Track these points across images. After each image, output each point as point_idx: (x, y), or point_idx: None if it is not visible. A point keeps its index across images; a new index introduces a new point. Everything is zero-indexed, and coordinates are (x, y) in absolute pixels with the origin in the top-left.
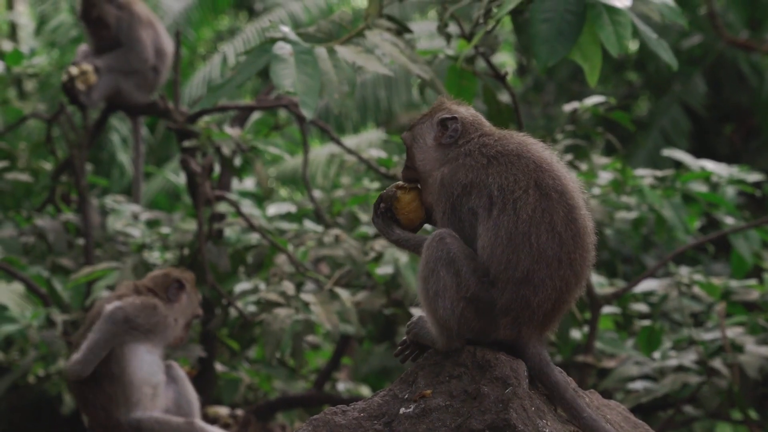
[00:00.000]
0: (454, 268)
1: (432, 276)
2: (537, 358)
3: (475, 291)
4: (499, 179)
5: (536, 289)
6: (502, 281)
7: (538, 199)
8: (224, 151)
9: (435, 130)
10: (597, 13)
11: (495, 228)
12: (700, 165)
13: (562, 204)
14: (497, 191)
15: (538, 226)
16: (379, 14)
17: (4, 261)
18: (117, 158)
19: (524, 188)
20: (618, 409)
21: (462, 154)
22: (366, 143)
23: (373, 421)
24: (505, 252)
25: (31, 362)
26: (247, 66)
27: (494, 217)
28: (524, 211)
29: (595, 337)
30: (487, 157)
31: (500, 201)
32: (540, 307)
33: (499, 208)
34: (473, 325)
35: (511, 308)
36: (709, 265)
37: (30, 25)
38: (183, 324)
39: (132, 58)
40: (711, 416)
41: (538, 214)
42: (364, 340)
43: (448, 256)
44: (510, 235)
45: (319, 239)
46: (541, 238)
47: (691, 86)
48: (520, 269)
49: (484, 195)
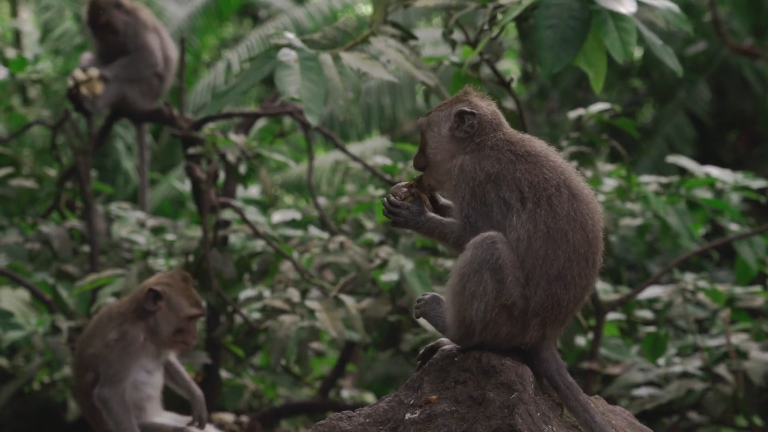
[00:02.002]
0: (500, 275)
1: (474, 276)
2: (553, 359)
3: (514, 299)
4: (528, 176)
5: (567, 287)
6: (537, 277)
7: (569, 197)
8: (229, 158)
9: (451, 121)
10: (602, 19)
11: (533, 222)
12: (704, 171)
13: (588, 206)
14: (527, 187)
15: (573, 224)
16: (384, 21)
17: (9, 267)
18: (122, 165)
19: (556, 186)
20: (623, 415)
21: (486, 146)
22: (370, 150)
23: (378, 426)
24: (543, 247)
25: (36, 369)
26: (252, 73)
27: (529, 210)
28: (561, 207)
29: (600, 344)
30: (515, 155)
31: (533, 196)
32: (567, 306)
33: (534, 202)
34: (501, 330)
35: (543, 307)
36: (714, 272)
37: (34, 33)
38: (170, 331)
39: (141, 65)
40: (715, 423)
41: (572, 212)
42: (368, 347)
43: (497, 262)
44: (548, 230)
45: (324, 246)
46: (576, 236)
47: (696, 93)
48: (556, 266)
49: (515, 189)
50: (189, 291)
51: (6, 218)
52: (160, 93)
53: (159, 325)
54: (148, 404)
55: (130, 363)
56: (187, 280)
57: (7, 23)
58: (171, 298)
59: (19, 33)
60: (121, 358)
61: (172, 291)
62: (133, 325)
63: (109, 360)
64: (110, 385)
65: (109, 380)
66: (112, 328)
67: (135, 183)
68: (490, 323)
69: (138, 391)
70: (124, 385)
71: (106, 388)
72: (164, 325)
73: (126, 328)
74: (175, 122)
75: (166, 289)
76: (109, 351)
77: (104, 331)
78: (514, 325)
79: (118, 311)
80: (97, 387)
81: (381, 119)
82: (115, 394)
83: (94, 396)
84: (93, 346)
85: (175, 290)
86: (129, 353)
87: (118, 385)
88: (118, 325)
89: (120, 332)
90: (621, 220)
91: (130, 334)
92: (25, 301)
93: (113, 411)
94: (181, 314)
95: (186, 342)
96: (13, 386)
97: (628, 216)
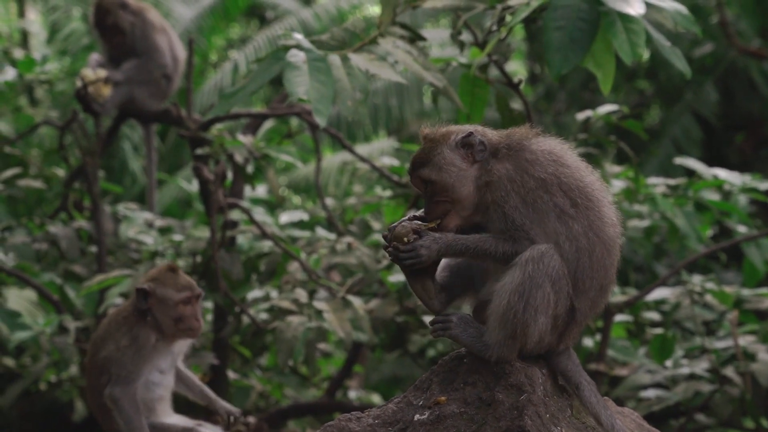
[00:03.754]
0: (558, 286)
1: (538, 291)
2: (570, 356)
3: (561, 310)
4: (573, 180)
5: (606, 295)
6: (587, 287)
7: (608, 203)
8: (237, 159)
9: (461, 152)
10: (610, 21)
11: (590, 229)
12: (712, 173)
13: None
14: (576, 191)
15: (615, 229)
16: (393, 22)
17: (16, 268)
18: (129, 166)
19: (599, 189)
20: (632, 417)
21: (514, 153)
22: (377, 151)
23: (387, 427)
24: (599, 257)
25: (43, 369)
26: (260, 73)
27: (583, 216)
28: (608, 217)
29: (608, 345)
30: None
31: (582, 201)
32: (599, 311)
33: (585, 207)
34: (546, 340)
35: (586, 316)
36: (721, 274)
37: (42, 33)
38: (169, 323)
39: (151, 66)
40: (723, 425)
41: (614, 217)
42: (376, 348)
43: (557, 273)
44: (600, 238)
45: (332, 247)
46: (617, 243)
47: (703, 95)
48: (608, 276)
49: (565, 194)
50: (175, 278)
51: (14, 218)
52: (167, 94)
53: (158, 320)
54: (159, 405)
55: (143, 364)
56: (173, 270)
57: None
58: (158, 291)
59: (27, 33)
60: (134, 361)
61: (158, 284)
62: (141, 327)
63: (122, 362)
64: (121, 385)
65: (121, 381)
66: (123, 334)
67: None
68: (545, 335)
69: (150, 392)
70: (136, 386)
71: (118, 388)
72: (162, 318)
73: (136, 332)
74: (183, 123)
75: (152, 285)
76: (121, 354)
77: (116, 336)
78: (554, 335)
79: (123, 316)
80: (108, 386)
81: (388, 120)
82: (126, 393)
83: (105, 395)
84: (106, 349)
85: (161, 283)
86: (142, 356)
87: (129, 386)
88: (128, 330)
89: (131, 336)
90: (628, 222)
91: (141, 337)
92: (32, 301)
93: (124, 411)
94: (171, 303)
95: (191, 327)
96: (20, 386)
97: (635, 218)
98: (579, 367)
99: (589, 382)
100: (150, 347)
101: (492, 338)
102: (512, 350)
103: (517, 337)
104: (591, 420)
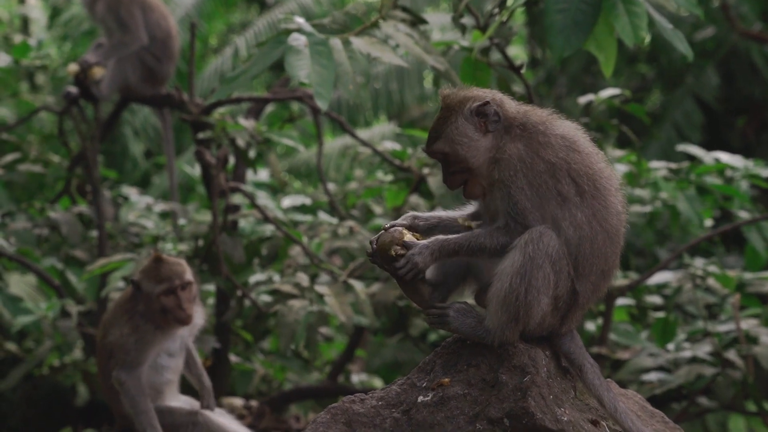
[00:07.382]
0: (558, 266)
1: (538, 272)
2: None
3: (562, 291)
4: (583, 167)
5: (608, 279)
6: (588, 272)
7: (615, 190)
8: (239, 143)
9: (475, 121)
10: (612, 3)
11: (593, 216)
12: (714, 157)
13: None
14: (585, 178)
15: (620, 218)
16: (394, 5)
17: (18, 253)
18: (129, 150)
19: (608, 176)
20: (635, 399)
21: (529, 130)
22: (378, 136)
23: (391, 409)
24: (601, 244)
25: (46, 353)
26: (262, 57)
27: (587, 203)
28: (613, 206)
29: (610, 329)
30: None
31: (589, 189)
32: (602, 295)
33: (591, 195)
34: (547, 322)
35: (589, 300)
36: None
37: (42, 19)
38: (157, 314)
39: (127, 41)
40: (725, 408)
41: (619, 205)
42: (377, 332)
43: (556, 254)
44: (603, 226)
45: (334, 231)
46: (621, 231)
47: (704, 79)
48: (609, 262)
49: (571, 180)
50: (156, 270)
51: (15, 203)
52: (161, 75)
53: (148, 310)
54: (167, 388)
55: (147, 350)
56: (158, 260)
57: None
58: (142, 284)
59: (27, 19)
60: (137, 347)
61: (142, 277)
62: (141, 316)
63: (126, 348)
64: (127, 369)
65: (126, 365)
66: (125, 322)
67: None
68: (547, 316)
69: (158, 375)
70: (141, 369)
71: (123, 372)
72: (150, 309)
73: (136, 320)
74: (185, 107)
75: (138, 276)
76: (124, 341)
77: (119, 322)
78: (555, 316)
79: (125, 304)
80: (115, 370)
81: (389, 105)
82: (132, 377)
83: (113, 378)
84: (112, 334)
85: (145, 275)
86: (145, 342)
87: (135, 370)
88: (129, 318)
89: (132, 325)
90: (630, 207)
91: (141, 325)
92: (33, 286)
93: (129, 393)
94: (153, 295)
95: (177, 318)
96: (23, 370)
97: (637, 203)
98: (582, 350)
99: (593, 365)
100: (151, 334)
101: (494, 322)
102: (515, 333)
103: (520, 319)
104: (594, 402)
